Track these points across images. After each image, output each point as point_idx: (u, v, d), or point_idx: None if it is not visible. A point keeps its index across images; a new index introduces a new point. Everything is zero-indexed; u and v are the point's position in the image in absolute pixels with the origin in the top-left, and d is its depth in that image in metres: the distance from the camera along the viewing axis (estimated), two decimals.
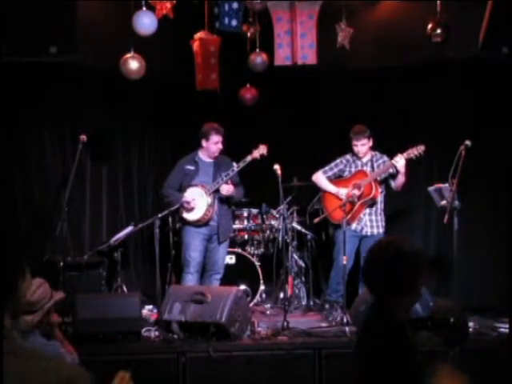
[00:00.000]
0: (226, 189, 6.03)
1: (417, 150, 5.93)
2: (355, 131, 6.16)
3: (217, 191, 6.08)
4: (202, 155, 6.22)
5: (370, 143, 6.19)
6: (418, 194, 6.88)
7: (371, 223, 6.16)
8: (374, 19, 6.73)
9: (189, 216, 6.07)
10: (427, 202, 6.63)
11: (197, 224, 6.10)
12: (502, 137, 6.45)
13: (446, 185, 5.66)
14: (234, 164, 6.06)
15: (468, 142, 5.51)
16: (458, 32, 6.01)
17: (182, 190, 6.15)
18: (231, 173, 6.03)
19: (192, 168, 6.19)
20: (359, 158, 6.23)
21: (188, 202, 6.01)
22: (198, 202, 6.04)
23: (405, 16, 6.56)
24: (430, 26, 5.99)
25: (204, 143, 6.15)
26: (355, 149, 6.18)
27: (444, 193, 5.74)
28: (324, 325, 5.86)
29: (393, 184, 6.17)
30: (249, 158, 5.99)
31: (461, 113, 6.72)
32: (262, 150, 6.00)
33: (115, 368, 2.29)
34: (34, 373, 1.83)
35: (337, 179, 6.31)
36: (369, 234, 6.15)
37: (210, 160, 6.21)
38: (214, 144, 6.11)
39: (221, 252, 6.26)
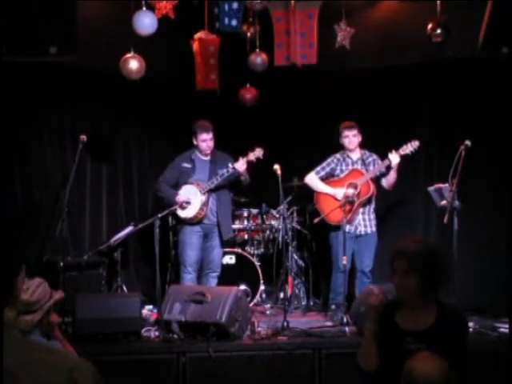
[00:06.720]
0: (241, 164, 5.94)
1: (411, 146, 5.92)
2: (347, 124, 6.15)
3: (211, 190, 6.09)
4: (198, 153, 6.23)
5: (360, 138, 6.17)
6: (417, 193, 6.88)
7: (364, 222, 6.14)
8: (374, 19, 6.73)
9: (182, 213, 6.07)
10: (427, 202, 6.63)
11: (190, 222, 6.10)
12: (501, 137, 6.45)
13: (446, 185, 5.65)
14: (230, 165, 6.04)
15: (468, 142, 5.50)
16: (458, 32, 6.02)
17: (177, 187, 6.14)
18: (226, 173, 6.02)
19: (188, 166, 6.20)
20: (349, 156, 6.20)
21: (188, 202, 6.02)
22: (192, 199, 6.05)
23: (405, 16, 6.56)
24: (430, 25, 5.99)
25: (194, 141, 6.17)
26: (346, 140, 6.12)
27: (444, 193, 5.73)
28: (324, 324, 5.85)
29: (384, 182, 6.14)
30: (244, 160, 5.96)
31: (461, 113, 6.71)
32: (257, 153, 5.98)
33: (115, 368, 2.29)
34: (42, 363, 1.85)
35: (330, 179, 6.27)
36: (363, 233, 6.14)
37: (207, 158, 6.21)
38: (201, 142, 6.11)
39: (217, 250, 6.26)
